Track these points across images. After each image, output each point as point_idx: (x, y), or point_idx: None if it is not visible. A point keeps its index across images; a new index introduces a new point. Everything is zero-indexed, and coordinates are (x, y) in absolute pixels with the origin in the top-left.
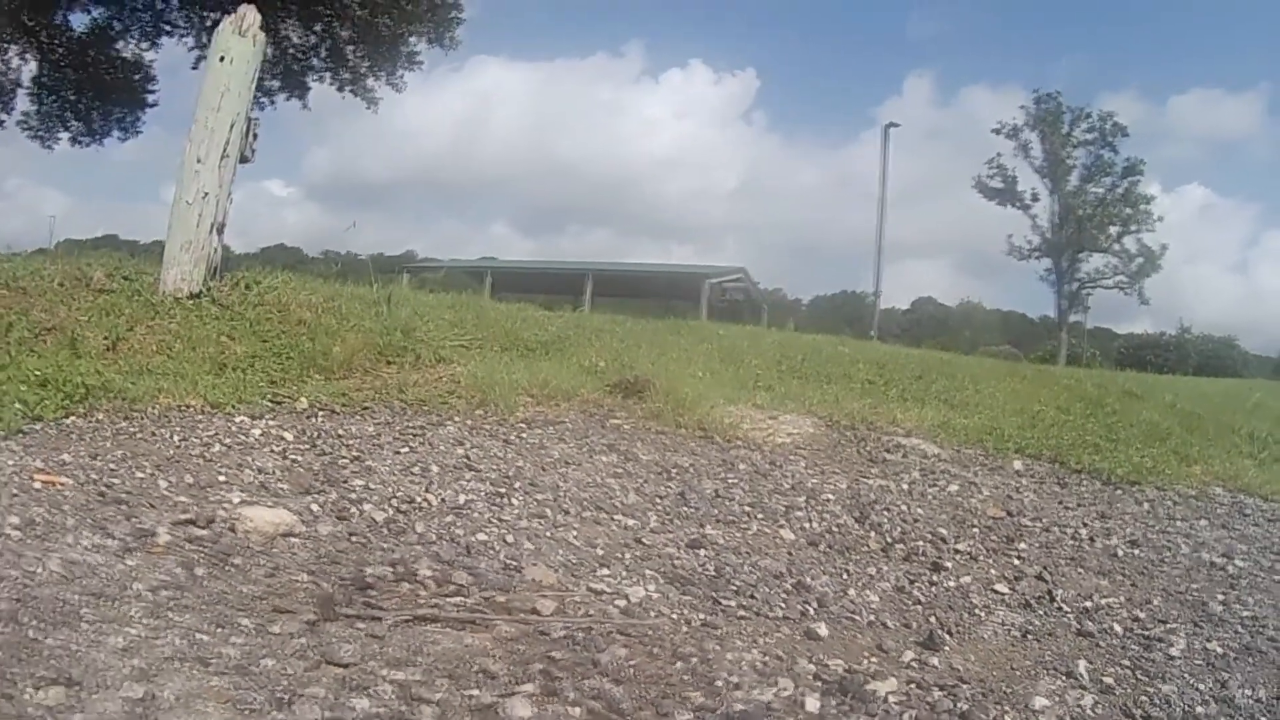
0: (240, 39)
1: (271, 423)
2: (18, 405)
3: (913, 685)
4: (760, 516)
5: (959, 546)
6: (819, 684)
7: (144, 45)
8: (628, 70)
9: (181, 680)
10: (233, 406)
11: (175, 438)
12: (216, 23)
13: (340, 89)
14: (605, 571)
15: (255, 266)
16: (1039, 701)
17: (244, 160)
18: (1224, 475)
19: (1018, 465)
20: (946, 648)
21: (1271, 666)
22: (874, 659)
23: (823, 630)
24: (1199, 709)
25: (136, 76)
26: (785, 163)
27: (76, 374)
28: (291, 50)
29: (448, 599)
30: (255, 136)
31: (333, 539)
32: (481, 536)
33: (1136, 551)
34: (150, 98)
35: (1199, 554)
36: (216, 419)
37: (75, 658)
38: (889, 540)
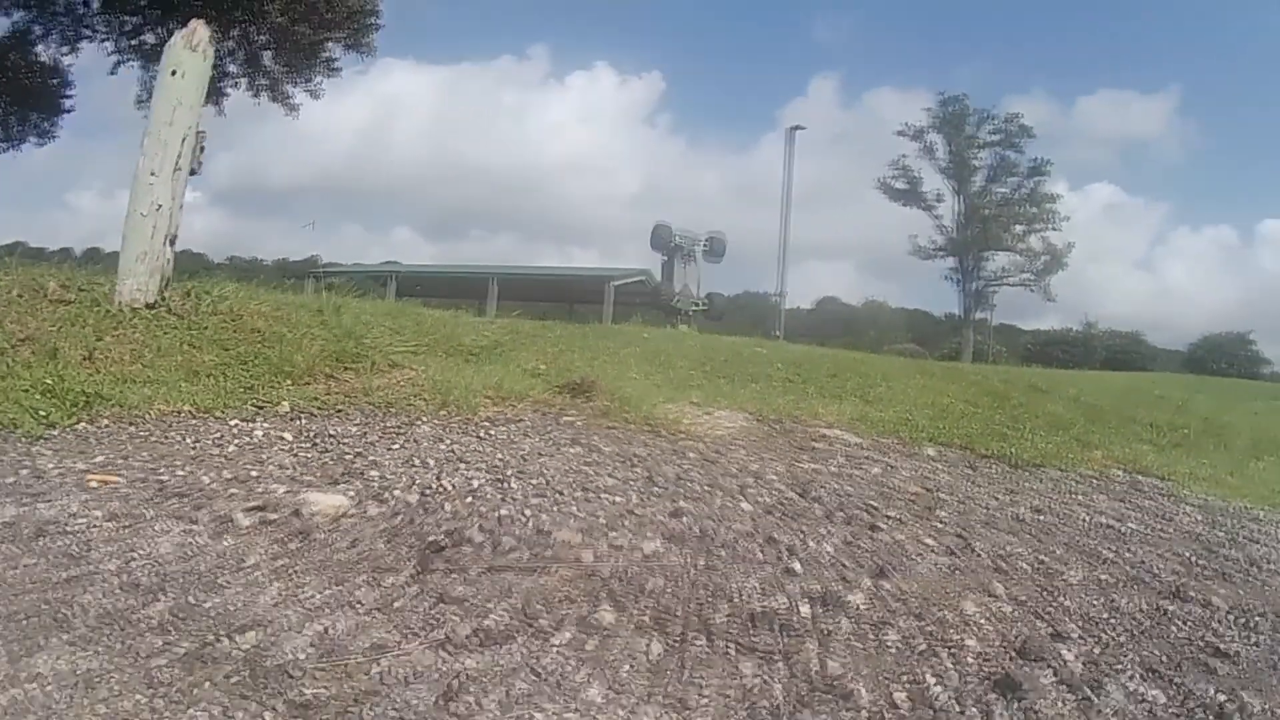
0: (192, 53)
1: (265, 425)
2: (30, 415)
3: (874, 598)
4: (720, 493)
5: (888, 514)
6: (805, 599)
7: (63, 50)
8: (533, 73)
9: (344, 619)
10: (221, 411)
11: (187, 440)
12: (137, 28)
13: (256, 95)
14: (615, 534)
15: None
16: (968, 608)
17: (192, 172)
18: (1123, 459)
19: (931, 452)
20: (894, 578)
21: (1150, 591)
22: (840, 585)
23: (797, 568)
24: (1092, 614)
25: (54, 81)
26: (689, 165)
27: (76, 384)
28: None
29: (506, 555)
30: (202, 149)
31: (383, 517)
32: (504, 511)
33: (1040, 517)
34: (67, 103)
35: (1095, 518)
36: (212, 423)
37: (242, 613)
38: (830, 509)
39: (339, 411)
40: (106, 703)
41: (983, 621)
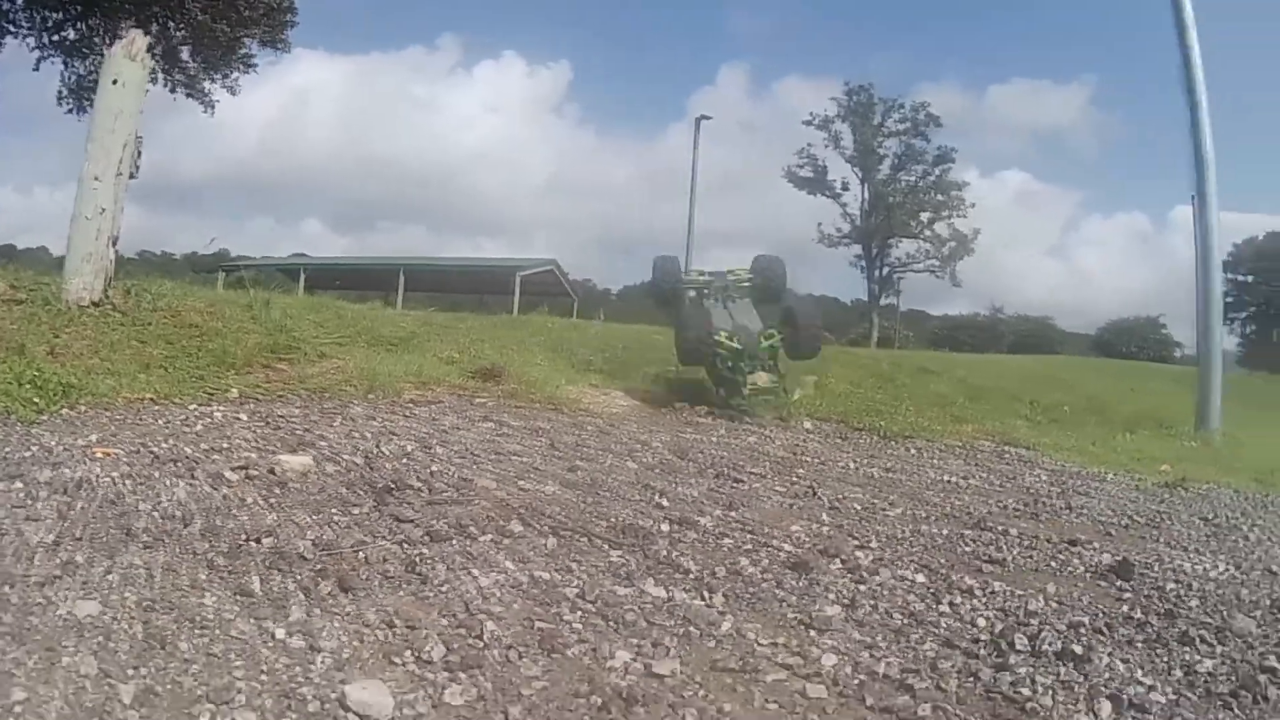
0: (131, 63)
1: (221, 409)
2: (21, 403)
3: (720, 522)
4: (610, 455)
5: (752, 470)
6: (666, 520)
7: None
8: (442, 63)
9: (330, 530)
10: (179, 398)
11: (159, 421)
12: (59, 24)
13: (173, 91)
14: (523, 482)
15: None
16: (794, 529)
17: (131, 176)
18: (994, 432)
19: (808, 425)
20: (741, 510)
21: (958, 523)
22: (695, 513)
23: (664, 503)
24: (897, 535)
25: None
26: (597, 155)
27: (54, 375)
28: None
29: (440, 495)
30: (140, 154)
31: (339, 473)
32: (434, 468)
33: (890, 474)
34: None
35: (941, 477)
36: (173, 408)
37: (256, 528)
38: (702, 467)
39: (280, 397)
40: (181, 578)
41: (803, 537)
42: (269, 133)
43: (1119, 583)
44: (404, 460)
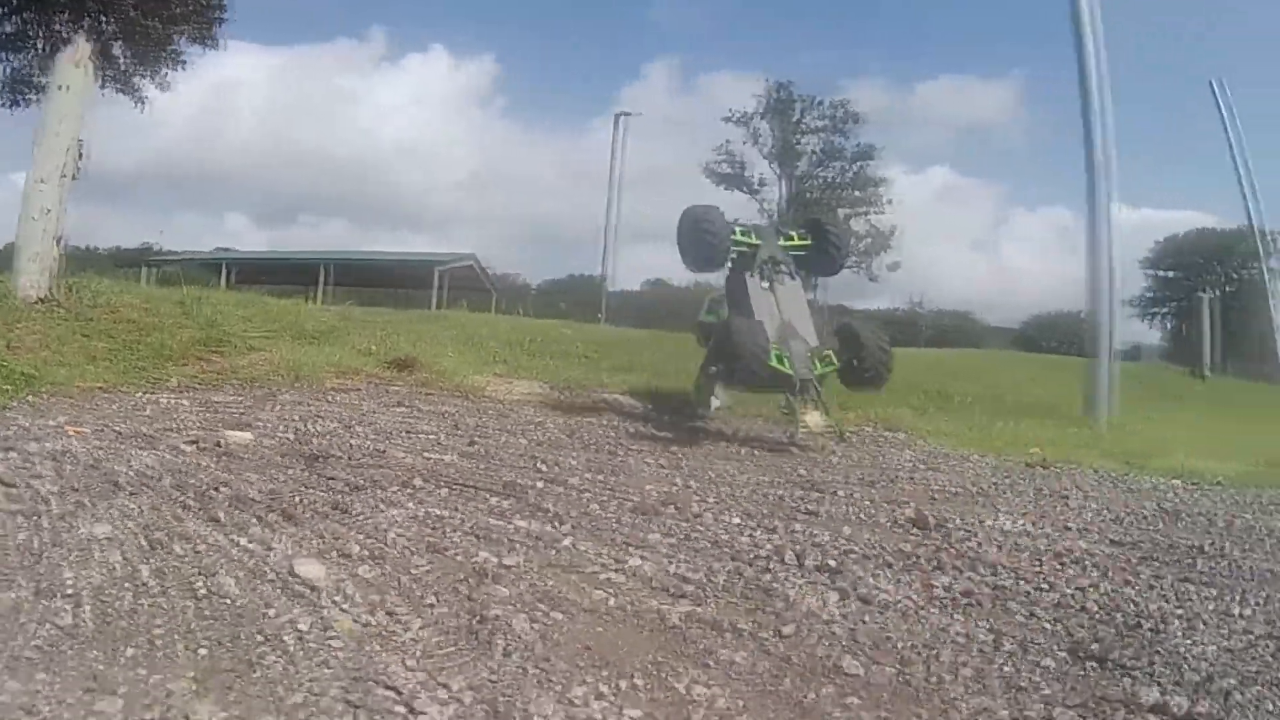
0: (76, 70)
1: (165, 396)
2: None
3: (588, 482)
4: (506, 434)
5: (632, 448)
6: (542, 480)
7: None
8: (370, 56)
9: (274, 483)
10: (126, 387)
11: (114, 406)
12: None
13: (104, 86)
14: (429, 453)
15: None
16: (649, 488)
17: (74, 178)
18: (881, 418)
19: (698, 412)
20: (608, 475)
21: (796, 486)
22: (569, 476)
23: (544, 468)
24: (738, 494)
25: None
26: (522, 149)
27: (16, 367)
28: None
29: (359, 461)
30: (82, 155)
31: (275, 446)
32: (354, 442)
33: (761, 452)
34: None
35: (807, 455)
36: (123, 395)
37: (216, 481)
38: (586, 443)
39: (216, 385)
40: (165, 513)
41: (654, 494)
42: (195, 126)
43: (913, 531)
44: (328, 436)
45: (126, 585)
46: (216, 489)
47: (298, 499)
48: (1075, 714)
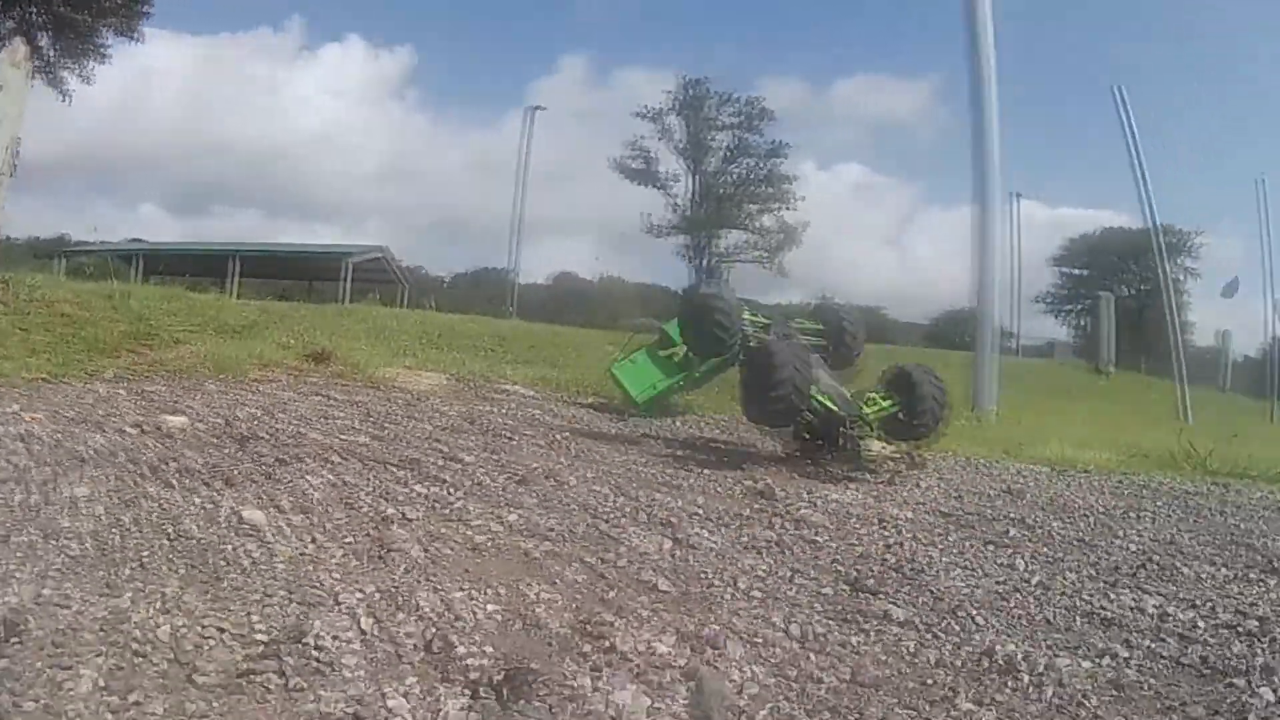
0: (15, 70)
1: (103, 386)
2: None
3: (482, 460)
4: (413, 421)
5: (525, 432)
6: (440, 458)
7: None
8: (288, 45)
9: (213, 458)
10: (67, 378)
11: (59, 396)
12: None
13: (31, 77)
14: (342, 435)
15: None
16: (534, 465)
17: (11, 175)
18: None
19: (590, 402)
20: (500, 454)
21: (666, 464)
22: (464, 455)
23: (444, 449)
24: (612, 470)
25: None
26: (435, 141)
27: None
28: None
29: (283, 442)
30: (18, 154)
31: (209, 429)
32: (277, 426)
33: (643, 435)
34: None
35: (686, 439)
36: (65, 385)
37: (163, 457)
38: (484, 429)
39: (147, 377)
40: (127, 480)
41: (537, 468)
42: (113, 115)
43: (759, 501)
44: (254, 421)
45: (113, 529)
46: (165, 463)
47: (234, 470)
48: (832, 622)
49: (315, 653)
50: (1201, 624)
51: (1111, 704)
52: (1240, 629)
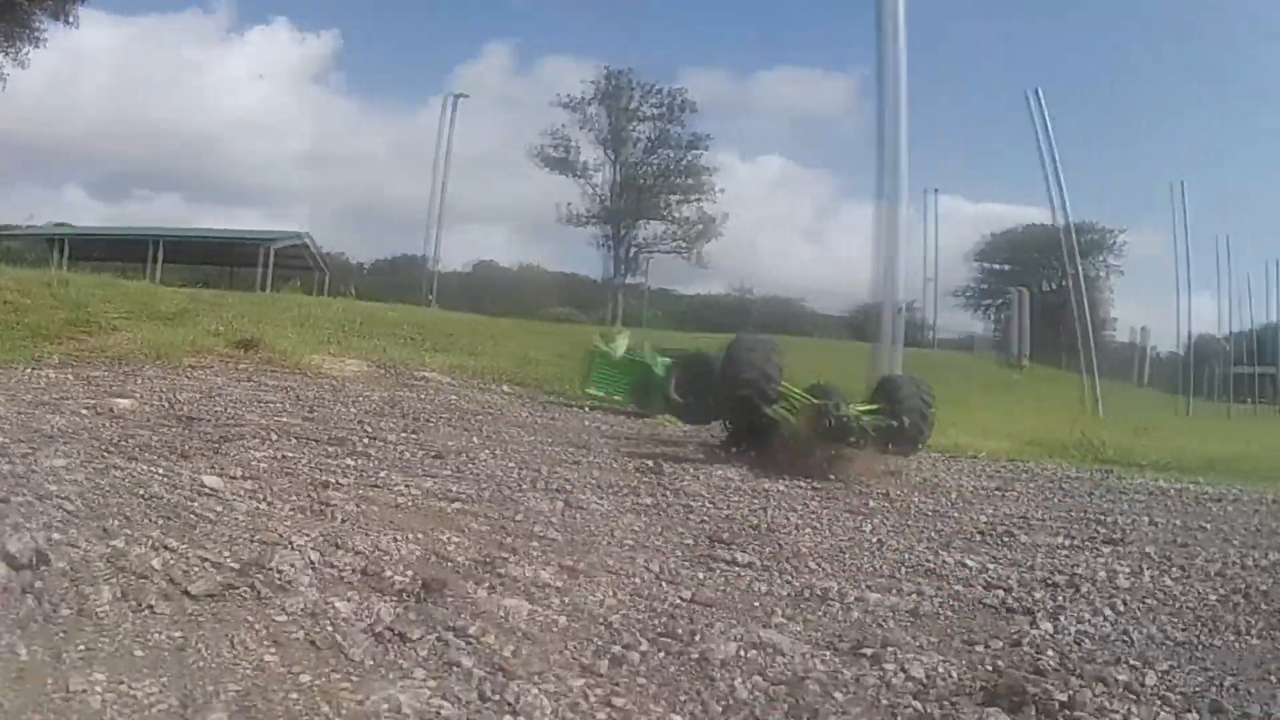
0: None
1: (50, 371)
2: None
3: (402, 439)
4: (339, 404)
5: (442, 416)
6: (367, 437)
7: None
8: (216, 27)
9: (162, 436)
10: (15, 364)
11: (11, 381)
12: None
13: None
14: (276, 417)
15: None
16: (450, 443)
17: None
18: None
19: (505, 389)
20: (419, 434)
21: (569, 446)
22: (388, 434)
23: (369, 430)
24: (521, 449)
25: None
26: (358, 126)
27: None
28: None
29: (222, 422)
30: None
31: (153, 410)
32: (216, 409)
33: (552, 422)
34: None
35: (592, 425)
36: (14, 371)
37: (117, 436)
38: (405, 413)
39: (90, 363)
40: (95, 454)
41: (452, 446)
42: (39, 97)
43: (649, 475)
44: (194, 404)
45: (94, 492)
46: (123, 440)
47: (186, 445)
48: (686, 564)
49: (277, 576)
50: (1015, 578)
51: (905, 628)
52: (1050, 582)
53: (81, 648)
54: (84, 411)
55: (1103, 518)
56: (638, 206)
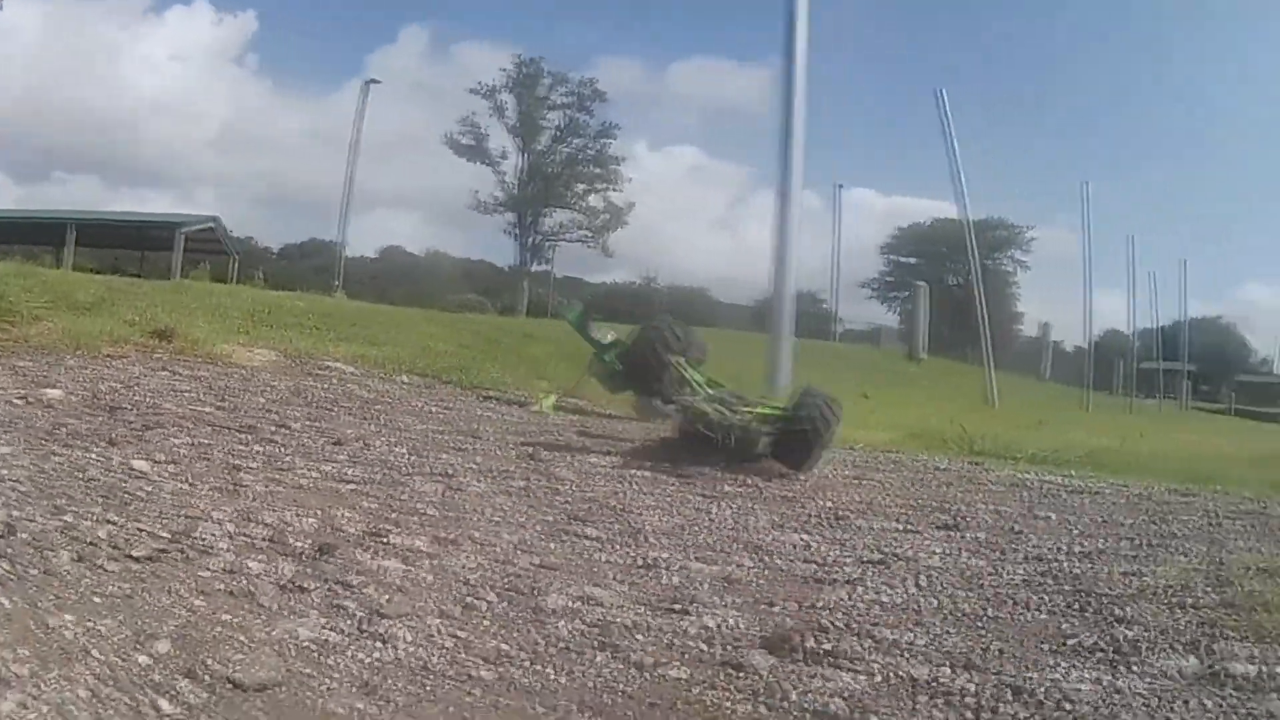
0: None
1: None
2: None
3: (307, 428)
4: (248, 393)
5: (344, 405)
6: (274, 425)
7: None
8: (134, 6)
9: (94, 423)
10: None
11: None
12: None
13: None
14: (192, 406)
15: None
16: (349, 431)
17: None
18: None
19: (404, 379)
20: (321, 423)
21: (458, 434)
22: (292, 423)
23: (276, 419)
24: (412, 436)
25: None
26: (271, 109)
27: None
28: None
29: (145, 411)
30: None
31: (80, 400)
32: (136, 399)
33: (445, 411)
34: None
35: (478, 412)
36: None
37: (51, 424)
38: (309, 402)
39: (14, 353)
40: (32, 441)
41: (350, 434)
42: None
43: (528, 462)
44: (116, 394)
45: (40, 476)
46: (56, 428)
47: (114, 433)
48: (542, 537)
49: (201, 543)
50: (834, 555)
51: (717, 592)
52: (864, 560)
53: (52, 598)
54: (17, 401)
55: (947, 506)
56: (545, 194)
